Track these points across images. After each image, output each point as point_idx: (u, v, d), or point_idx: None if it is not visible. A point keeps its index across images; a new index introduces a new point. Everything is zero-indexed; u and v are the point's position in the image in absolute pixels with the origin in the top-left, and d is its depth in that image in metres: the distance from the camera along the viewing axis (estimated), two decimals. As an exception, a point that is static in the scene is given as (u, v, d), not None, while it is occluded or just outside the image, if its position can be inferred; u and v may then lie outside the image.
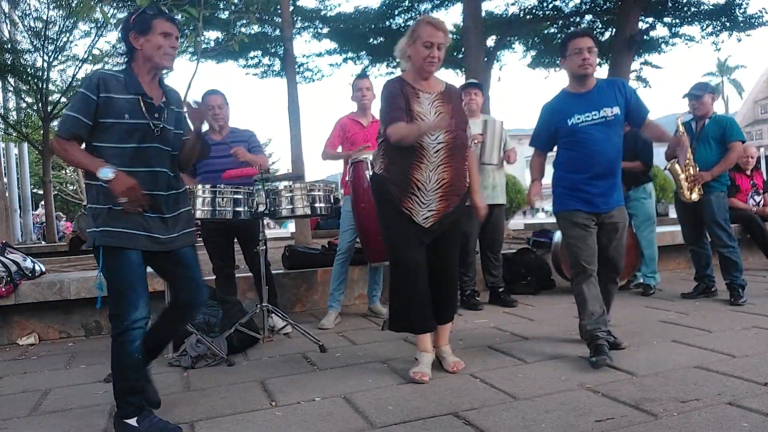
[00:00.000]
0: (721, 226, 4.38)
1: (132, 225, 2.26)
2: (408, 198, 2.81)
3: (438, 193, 2.82)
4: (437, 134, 2.78)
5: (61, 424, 2.47)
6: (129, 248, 2.25)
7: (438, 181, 2.81)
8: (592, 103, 3.07)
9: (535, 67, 13.40)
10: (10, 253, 4.26)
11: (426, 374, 2.80)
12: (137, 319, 2.24)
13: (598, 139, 3.04)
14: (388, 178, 2.85)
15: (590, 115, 3.05)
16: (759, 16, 10.94)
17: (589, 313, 3.05)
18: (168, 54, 2.31)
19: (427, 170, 2.79)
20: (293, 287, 4.89)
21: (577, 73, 3.07)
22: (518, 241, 6.88)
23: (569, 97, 3.16)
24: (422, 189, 2.80)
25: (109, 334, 4.31)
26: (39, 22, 12.95)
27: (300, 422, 2.33)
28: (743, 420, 2.13)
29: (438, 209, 2.83)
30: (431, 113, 2.83)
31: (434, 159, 2.79)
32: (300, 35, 12.26)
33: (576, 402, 2.40)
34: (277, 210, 3.64)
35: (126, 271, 2.26)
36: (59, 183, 30.50)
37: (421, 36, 2.77)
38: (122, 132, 2.25)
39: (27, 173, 17.86)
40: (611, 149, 3.08)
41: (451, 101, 2.91)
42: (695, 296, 4.61)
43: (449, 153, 2.81)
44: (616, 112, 3.05)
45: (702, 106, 4.42)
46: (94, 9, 6.66)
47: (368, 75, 5.86)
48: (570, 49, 3.04)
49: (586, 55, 3.00)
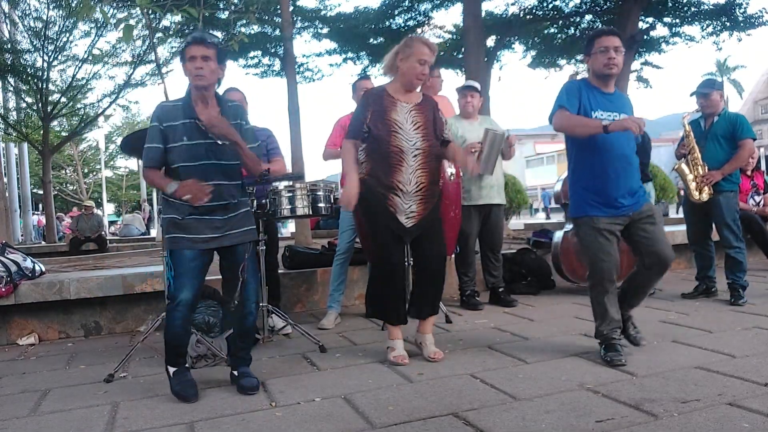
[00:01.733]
0: (730, 227, 4.35)
1: (192, 231, 2.69)
2: (391, 198, 3.05)
3: (417, 195, 3.06)
4: (415, 140, 3.05)
5: (61, 424, 2.47)
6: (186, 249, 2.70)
7: (417, 184, 3.05)
8: (615, 104, 3.00)
9: (535, 67, 13.37)
10: (10, 253, 4.26)
11: (405, 356, 3.08)
12: (183, 298, 2.68)
13: (617, 140, 2.93)
14: (373, 180, 3.08)
15: (612, 116, 2.95)
16: (759, 15, 10.94)
17: (609, 320, 3.00)
18: (197, 75, 2.60)
19: (407, 173, 3.04)
20: (293, 287, 4.89)
21: (601, 72, 2.97)
22: (518, 241, 6.88)
23: (594, 90, 3.02)
24: (403, 190, 3.04)
25: (108, 334, 4.34)
26: (39, 22, 12.97)
27: (300, 422, 2.33)
28: (743, 420, 2.13)
29: (418, 211, 3.08)
30: (407, 121, 3.07)
31: (412, 163, 3.04)
32: (300, 35, 12.26)
33: (576, 402, 2.40)
34: (277, 210, 3.63)
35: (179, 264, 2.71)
36: (59, 183, 30.53)
37: (416, 53, 3.03)
38: (183, 153, 2.64)
39: (27, 173, 17.86)
40: (629, 152, 3.01)
41: (427, 110, 3.15)
42: (696, 296, 4.61)
43: (426, 159, 3.07)
44: None
45: (710, 103, 4.37)
46: (94, 9, 6.66)
47: (370, 76, 5.86)
48: (596, 46, 2.94)
49: (612, 55, 2.90)
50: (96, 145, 30.23)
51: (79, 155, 30.36)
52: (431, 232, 3.14)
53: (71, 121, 18.90)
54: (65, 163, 31.85)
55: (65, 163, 31.58)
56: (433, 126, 3.12)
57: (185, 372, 2.76)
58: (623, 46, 2.98)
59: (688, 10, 11.34)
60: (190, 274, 2.69)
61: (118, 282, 4.28)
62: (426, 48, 3.04)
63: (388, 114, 3.05)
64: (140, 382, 3.01)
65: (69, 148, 27.60)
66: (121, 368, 3.17)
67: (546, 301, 4.85)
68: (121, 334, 4.33)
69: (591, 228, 2.96)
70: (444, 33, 13.10)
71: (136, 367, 3.30)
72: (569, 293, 5.08)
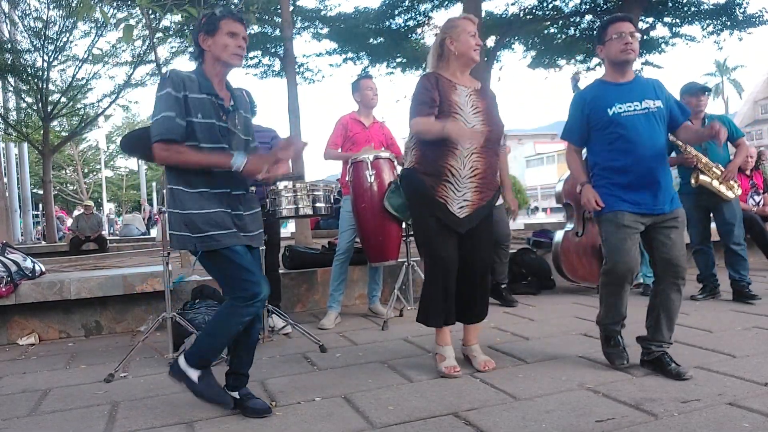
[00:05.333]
0: (738, 224, 4.44)
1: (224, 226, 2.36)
2: (442, 185, 2.84)
3: (472, 182, 2.85)
4: (473, 123, 2.84)
5: (61, 424, 2.47)
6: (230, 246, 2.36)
7: (471, 169, 2.84)
8: (634, 93, 2.81)
9: (535, 67, 13.36)
10: (10, 253, 4.26)
11: (457, 367, 2.87)
12: (261, 293, 2.37)
13: (642, 131, 2.75)
14: (421, 170, 2.90)
15: (633, 105, 2.78)
16: (759, 15, 10.94)
17: (615, 313, 2.90)
18: (236, 54, 2.35)
19: (461, 157, 2.82)
20: (293, 287, 4.89)
21: (618, 59, 2.81)
22: (518, 241, 6.88)
23: (607, 86, 2.88)
24: (456, 176, 2.83)
25: (108, 334, 4.34)
26: (39, 22, 12.96)
27: (300, 422, 2.33)
28: (744, 420, 2.13)
29: (473, 200, 2.86)
30: (468, 105, 2.88)
31: (468, 146, 2.82)
32: (300, 35, 12.25)
33: (576, 402, 2.40)
34: (277, 210, 3.63)
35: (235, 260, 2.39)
36: (59, 183, 30.51)
37: (465, 29, 2.91)
38: (194, 131, 2.29)
39: (27, 173, 17.86)
40: (657, 143, 2.77)
41: (487, 97, 2.99)
42: (705, 298, 4.62)
43: (484, 144, 2.85)
44: (659, 105, 2.81)
45: (704, 103, 4.45)
46: (94, 9, 6.65)
47: (372, 75, 5.86)
48: (610, 33, 2.81)
49: (628, 39, 2.76)
50: (96, 145, 30.23)
51: (79, 155, 30.35)
52: (483, 228, 2.93)
53: (71, 121, 18.91)
54: (65, 163, 31.84)
55: (65, 163, 31.57)
56: (493, 112, 2.95)
57: (211, 375, 2.46)
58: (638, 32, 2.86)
59: (688, 9, 11.34)
60: (254, 266, 2.41)
61: (119, 282, 4.28)
62: (469, 22, 2.95)
63: (449, 95, 2.86)
64: (140, 382, 3.01)
65: (69, 148, 27.59)
66: (121, 368, 3.17)
67: (546, 301, 4.85)
68: (122, 334, 4.33)
69: (614, 224, 2.79)
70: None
71: (136, 367, 3.30)
72: (569, 293, 5.08)
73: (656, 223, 2.79)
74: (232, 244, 2.33)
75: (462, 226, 2.86)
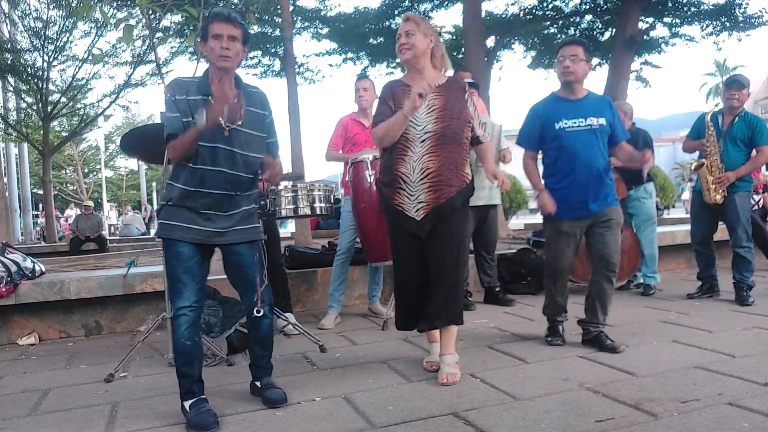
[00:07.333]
0: (744, 226, 4.36)
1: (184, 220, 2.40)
2: (396, 193, 2.83)
3: (424, 183, 2.76)
4: (424, 124, 2.75)
5: (61, 424, 2.47)
6: (179, 240, 2.40)
7: (422, 171, 2.75)
8: (580, 110, 3.19)
9: (535, 67, 13.37)
10: (10, 253, 4.26)
11: (436, 364, 2.93)
12: (181, 306, 2.39)
13: (581, 146, 3.14)
14: (380, 180, 2.97)
15: (577, 122, 3.17)
16: (759, 15, 10.94)
17: (554, 304, 3.40)
18: (221, 55, 2.35)
19: (411, 161, 2.77)
20: (293, 287, 4.88)
21: (560, 80, 3.23)
22: (518, 241, 6.88)
23: (559, 101, 3.27)
24: (407, 182, 2.79)
25: (108, 334, 4.34)
26: (39, 21, 12.96)
27: (300, 422, 2.33)
28: (743, 420, 2.13)
29: (427, 200, 2.77)
30: (423, 106, 2.75)
31: (419, 149, 2.75)
32: (300, 35, 12.26)
33: (576, 402, 2.40)
34: (277, 210, 3.63)
35: (175, 262, 2.41)
36: (59, 183, 30.51)
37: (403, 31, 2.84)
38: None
39: (27, 173, 17.88)
40: (595, 157, 3.15)
41: (450, 92, 2.83)
42: (702, 296, 4.61)
43: (437, 143, 2.75)
44: (602, 123, 3.17)
45: (742, 98, 4.33)
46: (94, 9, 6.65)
47: (368, 75, 5.86)
48: (558, 56, 3.22)
49: (567, 63, 3.15)
50: (96, 145, 30.24)
51: (79, 155, 30.34)
52: (444, 229, 2.80)
53: (71, 121, 18.91)
54: (65, 163, 31.83)
55: (65, 163, 31.56)
56: (453, 107, 2.79)
57: (201, 404, 2.39)
58: (586, 56, 3.18)
59: (688, 10, 11.34)
60: (194, 275, 2.44)
61: (119, 282, 4.28)
62: (402, 22, 2.88)
63: (402, 100, 2.76)
64: (140, 382, 3.01)
65: (69, 148, 27.58)
66: (121, 368, 3.17)
67: (546, 301, 4.84)
68: (122, 334, 4.33)
69: (554, 230, 3.29)
70: (444, 33, 13.10)
71: (136, 367, 3.30)
72: (569, 293, 5.07)
73: (594, 223, 3.21)
74: (182, 237, 2.38)
75: (422, 228, 2.79)
